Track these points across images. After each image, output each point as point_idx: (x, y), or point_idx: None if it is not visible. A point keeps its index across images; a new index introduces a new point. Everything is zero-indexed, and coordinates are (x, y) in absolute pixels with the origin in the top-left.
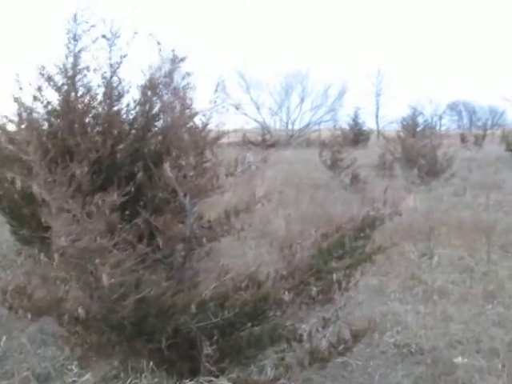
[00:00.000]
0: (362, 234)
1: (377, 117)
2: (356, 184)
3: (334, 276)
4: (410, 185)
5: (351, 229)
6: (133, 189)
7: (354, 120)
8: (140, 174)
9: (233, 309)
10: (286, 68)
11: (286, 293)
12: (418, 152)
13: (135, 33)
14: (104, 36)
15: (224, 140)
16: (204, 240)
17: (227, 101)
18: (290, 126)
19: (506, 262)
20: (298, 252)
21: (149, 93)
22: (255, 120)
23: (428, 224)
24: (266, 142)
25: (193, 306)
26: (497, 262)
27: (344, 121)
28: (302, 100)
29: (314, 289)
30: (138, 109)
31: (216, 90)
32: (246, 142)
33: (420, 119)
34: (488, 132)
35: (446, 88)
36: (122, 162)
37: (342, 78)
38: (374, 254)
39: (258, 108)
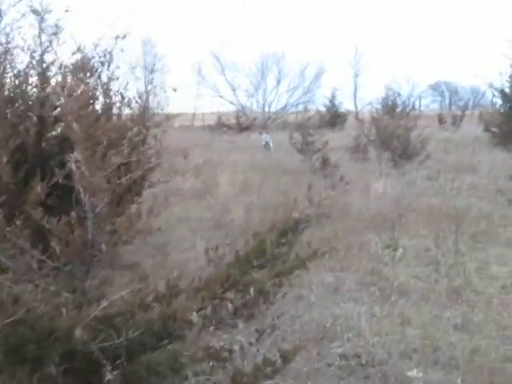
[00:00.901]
0: (283, 240)
1: (355, 98)
2: (326, 168)
3: (252, 290)
4: (382, 168)
5: (272, 234)
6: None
7: (330, 101)
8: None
9: (138, 327)
10: (261, 49)
11: (194, 313)
12: (392, 134)
13: (67, 10)
14: (33, 10)
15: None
16: (103, 246)
17: (202, 83)
18: (266, 109)
19: (474, 254)
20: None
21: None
22: (231, 102)
23: (397, 211)
24: (240, 125)
25: (78, 330)
26: (465, 254)
27: (321, 102)
28: (279, 82)
29: (230, 305)
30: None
31: (152, 71)
32: (221, 125)
33: (398, 100)
34: (468, 112)
35: (427, 69)
36: (49, 151)
37: (319, 58)
38: (309, 261)
39: (233, 90)
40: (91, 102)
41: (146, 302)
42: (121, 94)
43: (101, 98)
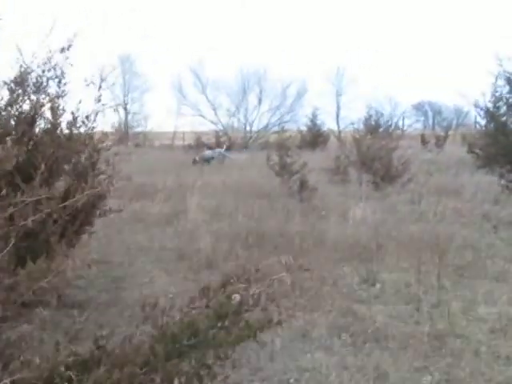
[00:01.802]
0: (219, 325)
1: (337, 117)
2: (303, 191)
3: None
4: (363, 191)
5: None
6: None
7: (311, 121)
8: None
9: None
10: (243, 68)
11: None
12: (374, 155)
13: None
14: None
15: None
16: None
17: (183, 102)
18: (248, 128)
19: (459, 291)
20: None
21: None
22: (212, 122)
23: (375, 240)
24: (219, 145)
25: None
26: (449, 290)
27: (303, 122)
28: (260, 101)
29: None
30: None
31: (100, 87)
32: (200, 145)
33: (380, 119)
34: (451, 132)
35: (410, 88)
36: None
37: (301, 77)
38: (261, 330)
39: (214, 109)
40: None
41: (58, 371)
42: (72, 113)
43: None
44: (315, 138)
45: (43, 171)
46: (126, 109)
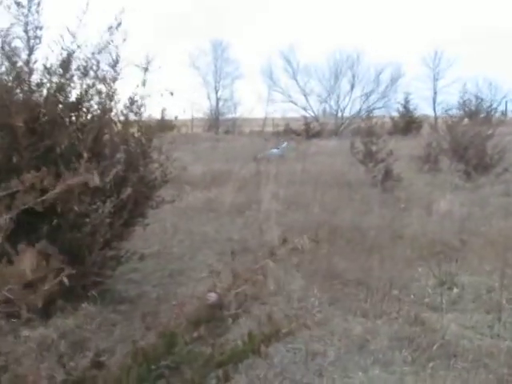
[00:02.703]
0: (195, 334)
1: (434, 102)
2: (387, 181)
3: None
4: (453, 181)
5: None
6: None
7: (404, 107)
8: None
9: None
10: (335, 52)
11: None
12: (467, 142)
13: None
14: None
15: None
16: None
17: (274, 88)
18: (339, 114)
19: None
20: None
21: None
22: (303, 108)
23: (459, 236)
24: (309, 132)
25: None
26: None
27: (395, 108)
28: (353, 86)
29: None
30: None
31: (146, 70)
32: (288, 132)
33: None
34: None
35: None
36: None
37: (396, 61)
38: (267, 344)
39: (305, 95)
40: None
41: None
42: (130, 99)
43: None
44: (408, 124)
45: (87, 159)
46: (217, 95)
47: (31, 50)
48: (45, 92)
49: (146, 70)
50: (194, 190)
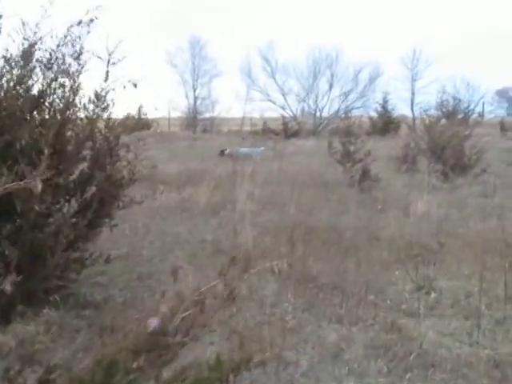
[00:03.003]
0: (134, 365)
1: (412, 103)
2: (365, 181)
3: None
4: (430, 182)
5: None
6: None
7: (382, 106)
8: None
9: None
10: (314, 51)
11: None
12: (444, 142)
13: None
14: None
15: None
16: None
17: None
18: (318, 114)
19: None
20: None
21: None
22: (282, 107)
23: (437, 238)
24: (287, 131)
25: None
26: None
27: (374, 108)
28: (331, 85)
29: None
30: None
31: (109, 62)
32: (266, 131)
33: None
34: None
35: (494, 74)
36: None
37: (375, 61)
38: (235, 373)
39: (283, 94)
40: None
41: None
42: (96, 93)
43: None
44: (386, 124)
45: (48, 156)
46: (194, 93)
47: None
48: (5, 85)
49: (108, 62)
50: (168, 189)
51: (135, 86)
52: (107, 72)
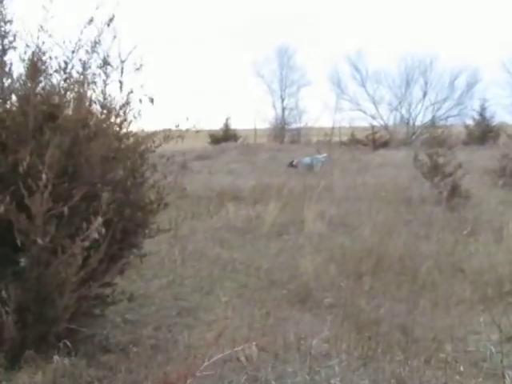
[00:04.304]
0: None
1: None
2: (453, 198)
3: None
4: None
5: None
6: None
7: (480, 114)
8: None
9: None
10: (407, 58)
11: None
12: None
13: None
14: None
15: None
16: None
17: (341, 96)
18: (411, 123)
19: None
20: None
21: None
22: (372, 117)
23: None
24: (375, 141)
25: None
26: None
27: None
28: (425, 93)
29: None
30: None
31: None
32: (354, 141)
33: None
34: None
35: None
36: None
37: (472, 66)
38: None
39: (374, 103)
40: None
41: None
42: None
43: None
44: (484, 133)
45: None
46: (282, 104)
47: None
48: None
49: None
50: (239, 205)
51: (152, 101)
52: (121, 82)
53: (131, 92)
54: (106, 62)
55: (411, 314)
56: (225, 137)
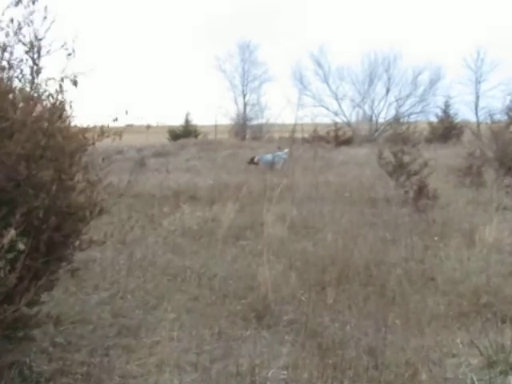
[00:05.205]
0: None
1: (476, 107)
2: (421, 199)
3: None
4: (500, 200)
5: None
6: None
7: (444, 111)
8: None
9: None
10: (369, 54)
11: None
12: None
13: None
14: None
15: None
16: None
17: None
18: (374, 120)
19: None
20: None
21: None
22: (335, 113)
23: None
24: (338, 138)
25: None
26: None
27: (435, 113)
28: (388, 90)
29: None
30: None
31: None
32: (316, 138)
33: None
34: None
35: None
36: None
37: (435, 63)
38: None
39: (337, 100)
40: None
41: None
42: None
43: None
44: (447, 130)
45: None
46: (244, 99)
47: None
48: None
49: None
50: (195, 206)
51: (75, 84)
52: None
53: (62, 80)
54: (32, 46)
55: (380, 331)
56: (185, 133)
